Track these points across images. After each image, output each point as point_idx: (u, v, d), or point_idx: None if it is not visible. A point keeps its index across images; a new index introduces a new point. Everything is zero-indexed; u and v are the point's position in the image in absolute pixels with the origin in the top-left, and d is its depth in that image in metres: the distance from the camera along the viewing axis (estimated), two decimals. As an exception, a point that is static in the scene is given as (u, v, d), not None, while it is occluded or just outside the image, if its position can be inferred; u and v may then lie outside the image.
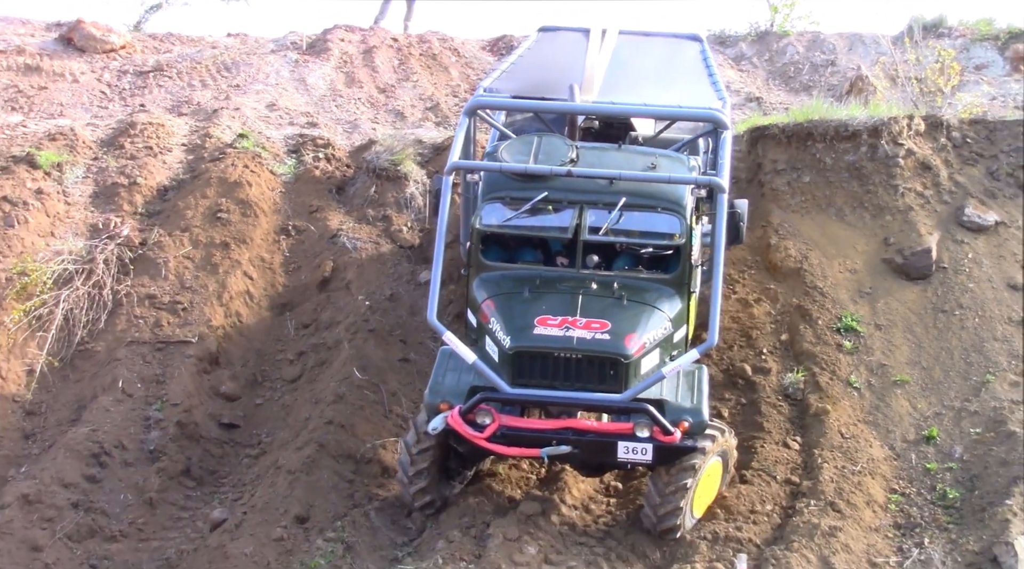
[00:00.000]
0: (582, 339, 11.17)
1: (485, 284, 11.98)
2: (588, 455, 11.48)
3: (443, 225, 11.88)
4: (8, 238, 15.52)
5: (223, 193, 16.53)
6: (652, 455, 11.28)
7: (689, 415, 11.31)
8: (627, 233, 11.79)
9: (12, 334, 14.39)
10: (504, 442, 11.30)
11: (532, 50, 15.43)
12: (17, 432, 13.69)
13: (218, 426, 14.06)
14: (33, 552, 11.93)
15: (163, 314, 14.97)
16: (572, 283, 11.76)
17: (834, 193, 16.35)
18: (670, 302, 11.79)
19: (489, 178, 12.26)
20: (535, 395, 11.24)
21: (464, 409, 11.28)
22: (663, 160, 12.35)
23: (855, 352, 14.48)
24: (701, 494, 11.79)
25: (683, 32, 16.54)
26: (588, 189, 11.91)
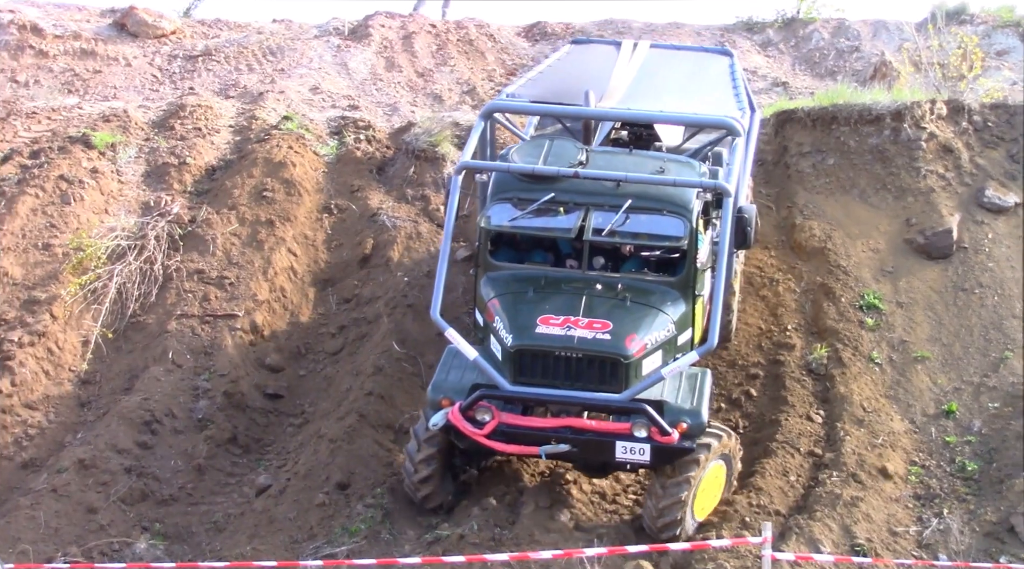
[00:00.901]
0: (583, 339, 11.10)
1: (492, 283, 11.94)
2: (586, 454, 11.41)
3: (451, 223, 11.93)
4: (65, 215, 15.78)
5: (268, 173, 16.66)
6: (650, 456, 11.18)
7: (688, 417, 11.20)
8: (632, 235, 11.69)
9: (69, 306, 14.62)
10: (503, 439, 11.25)
11: (561, 60, 15.32)
12: (73, 400, 13.94)
13: (263, 396, 14.27)
14: (89, 514, 12.25)
15: (211, 289, 15.11)
16: (577, 284, 11.71)
17: (858, 175, 16.43)
18: (674, 305, 11.69)
19: (498, 179, 12.18)
20: (534, 393, 11.18)
21: (464, 405, 11.24)
22: (672, 164, 12.20)
23: (877, 329, 14.61)
24: (703, 497, 11.64)
25: (713, 47, 16.43)
26: (595, 191, 11.79)
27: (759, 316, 15.03)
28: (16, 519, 11.96)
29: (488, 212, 11.97)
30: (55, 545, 11.73)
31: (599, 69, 14.35)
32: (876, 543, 11.78)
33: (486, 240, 12.12)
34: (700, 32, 22.83)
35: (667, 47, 16.27)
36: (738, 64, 15.13)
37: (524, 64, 21.31)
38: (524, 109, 13.70)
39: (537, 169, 11.84)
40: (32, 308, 14.59)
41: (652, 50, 15.29)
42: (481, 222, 12.00)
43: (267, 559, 11.21)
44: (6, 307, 14.61)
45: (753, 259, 15.54)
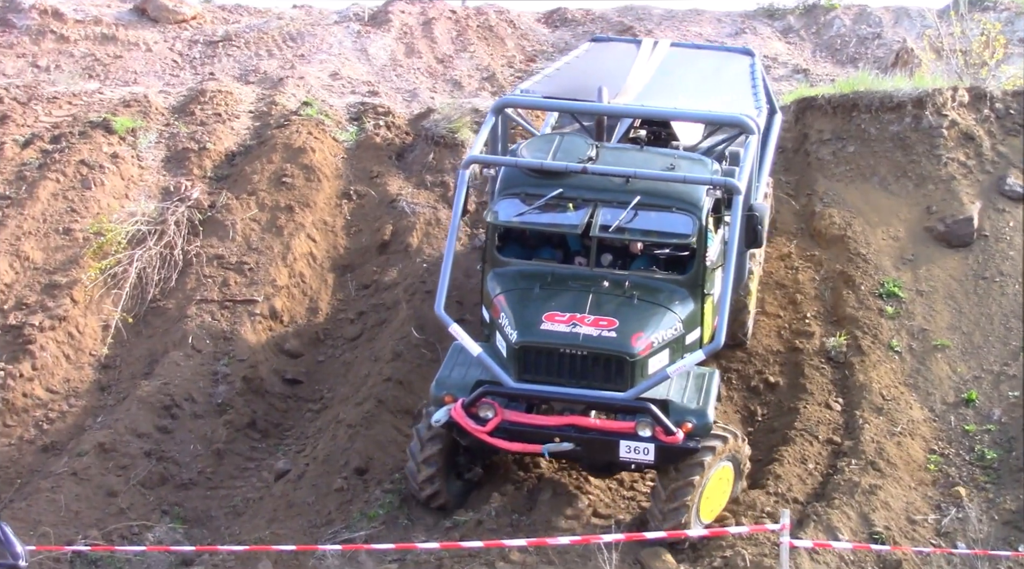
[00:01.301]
0: (588, 336, 11.00)
1: (498, 279, 11.85)
2: (590, 453, 11.30)
3: (456, 218, 11.84)
4: (85, 199, 15.85)
5: (288, 158, 16.69)
6: (654, 456, 11.02)
7: (693, 417, 11.04)
8: (639, 232, 11.58)
9: (89, 291, 14.69)
10: (506, 437, 11.10)
11: (579, 58, 15.16)
12: (93, 384, 14.02)
13: (282, 381, 14.31)
14: (109, 497, 12.35)
15: (230, 274, 15.16)
16: (584, 281, 11.60)
17: (878, 162, 16.37)
18: (683, 303, 11.56)
19: (506, 174, 12.07)
20: (538, 390, 11.08)
21: (467, 402, 11.11)
22: (683, 161, 12.10)
23: (897, 317, 14.58)
24: (709, 499, 11.43)
25: (736, 47, 16.31)
26: (604, 187, 11.67)
27: (778, 304, 15.01)
28: (37, 502, 12.05)
29: (495, 207, 11.89)
30: (75, 528, 11.82)
31: (617, 67, 14.24)
32: (894, 531, 11.79)
33: (493, 235, 12.05)
34: (720, 19, 22.73)
35: (688, 46, 16.15)
36: (759, 64, 15.00)
37: (544, 51, 21.30)
38: (536, 104, 13.72)
39: (545, 164, 11.73)
40: (53, 292, 14.68)
41: (672, 49, 15.15)
42: (488, 217, 11.94)
43: (286, 543, 11.29)
44: (27, 291, 14.70)
45: (772, 247, 15.52)
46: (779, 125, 15.38)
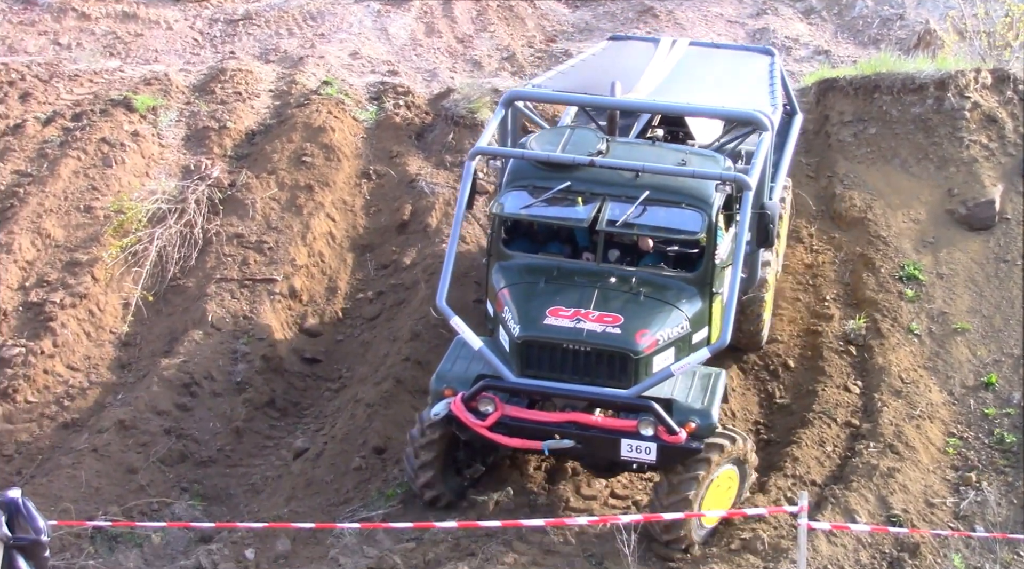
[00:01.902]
0: (592, 332, 10.82)
1: (503, 273, 11.71)
2: (591, 451, 11.07)
3: (461, 209, 11.72)
4: (106, 177, 15.90)
5: (308, 138, 16.69)
6: (656, 455, 10.78)
7: (697, 417, 10.80)
8: (647, 228, 11.39)
9: (110, 269, 14.73)
10: (506, 433, 10.92)
11: (596, 56, 15.01)
12: (114, 361, 14.07)
13: (301, 360, 14.33)
14: (129, 474, 12.41)
15: (250, 253, 15.19)
16: (590, 276, 11.42)
17: (899, 145, 16.33)
18: (690, 301, 11.38)
19: (514, 167, 11.97)
20: (538, 386, 10.91)
21: (467, 396, 10.93)
22: (694, 157, 11.95)
23: (917, 300, 14.55)
24: (712, 503, 11.19)
25: (755, 46, 16.12)
26: (612, 181, 11.49)
27: (798, 286, 15.00)
28: (58, 478, 12.14)
29: (501, 199, 11.76)
30: (96, 504, 11.90)
31: (633, 65, 14.09)
32: (912, 514, 11.79)
33: (499, 228, 11.90)
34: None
35: (707, 45, 15.93)
36: (779, 63, 14.81)
37: (564, 31, 21.26)
38: (545, 97, 13.68)
39: (552, 156, 11.59)
40: (74, 270, 14.74)
41: (691, 48, 15.00)
42: (493, 208, 11.80)
43: (304, 521, 11.35)
44: (48, 269, 14.77)
45: (792, 229, 15.49)
46: (799, 126, 15.21)
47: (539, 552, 11.29)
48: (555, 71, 14.27)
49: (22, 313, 14.25)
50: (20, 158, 16.38)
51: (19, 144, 16.59)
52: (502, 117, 12.77)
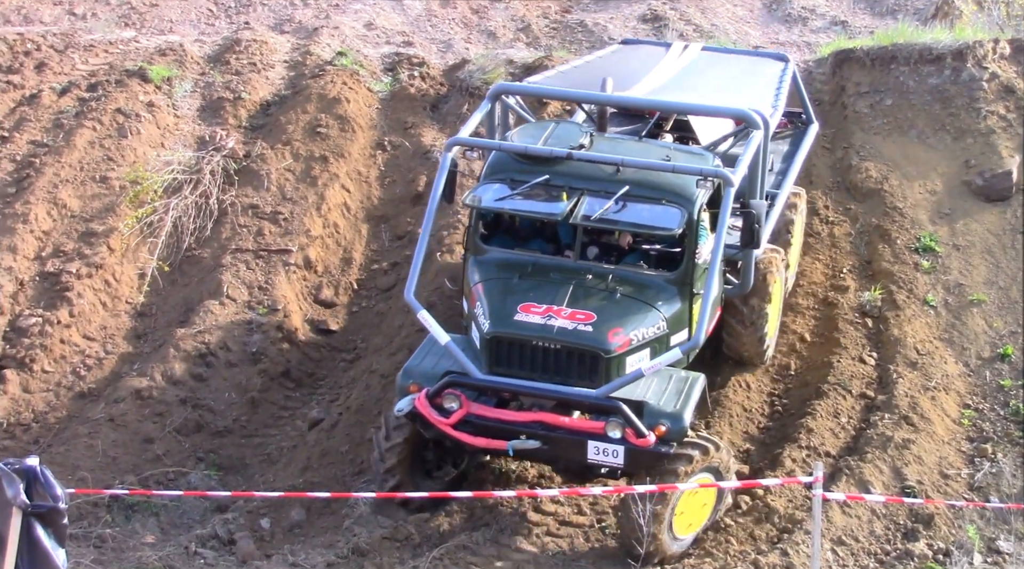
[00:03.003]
0: (563, 329, 10.47)
1: (478, 268, 11.43)
2: (557, 453, 10.68)
3: (435, 200, 11.42)
4: (122, 148, 15.93)
5: (322, 109, 16.71)
6: (624, 459, 10.37)
7: (668, 420, 10.32)
8: (623, 223, 11.01)
9: (125, 239, 14.79)
10: (470, 431, 10.54)
11: (602, 58, 14.71)
12: (130, 332, 14.14)
13: (316, 331, 14.36)
14: (145, 443, 12.48)
15: (265, 223, 15.21)
16: (567, 273, 11.07)
17: (916, 116, 16.30)
18: (669, 302, 10.99)
19: (494, 159, 11.65)
20: (504, 383, 10.55)
21: (431, 392, 10.57)
22: (680, 154, 11.67)
23: (933, 271, 14.52)
24: (686, 513, 10.76)
25: (770, 51, 15.69)
26: (592, 176, 11.17)
27: (813, 257, 14.96)
28: (75, 447, 12.21)
29: (476, 191, 11.44)
30: (113, 473, 11.97)
31: (639, 66, 13.87)
32: (927, 485, 11.79)
33: (477, 222, 11.59)
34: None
35: (719, 50, 15.58)
36: (791, 69, 14.42)
37: (580, 1, 21.13)
38: (532, 91, 13.50)
39: (530, 148, 11.27)
40: (89, 240, 14.78)
41: (703, 52, 14.74)
42: (467, 200, 11.48)
43: (319, 491, 11.37)
44: (64, 239, 14.82)
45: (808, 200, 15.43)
46: (813, 136, 14.83)
47: (554, 522, 11.35)
48: (555, 71, 14.18)
49: (39, 283, 14.30)
50: (36, 128, 16.43)
51: (35, 114, 16.63)
52: (488, 110, 12.47)
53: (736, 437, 12.74)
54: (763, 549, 11.07)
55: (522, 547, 11.14)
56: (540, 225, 11.74)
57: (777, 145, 14.34)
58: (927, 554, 11.01)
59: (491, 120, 12.63)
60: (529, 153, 11.29)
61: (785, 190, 13.59)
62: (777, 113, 13.14)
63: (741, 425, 12.93)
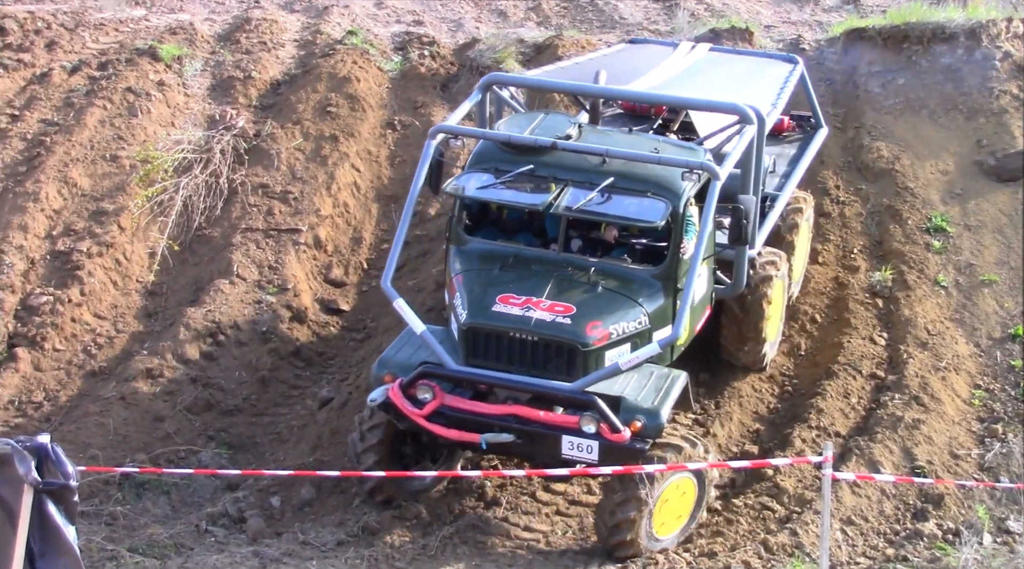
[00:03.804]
0: (540, 321, 10.27)
1: (460, 258, 11.25)
2: (531, 447, 10.39)
3: (416, 188, 11.30)
4: (132, 127, 15.94)
5: (333, 88, 16.70)
6: (598, 454, 10.09)
7: (644, 416, 10.05)
8: (604, 215, 10.80)
9: (136, 218, 14.79)
10: (443, 423, 10.33)
11: (606, 56, 14.60)
12: (140, 310, 14.16)
13: (326, 310, 14.37)
14: (156, 422, 12.49)
15: (275, 203, 15.21)
16: (549, 265, 10.88)
17: (928, 95, 16.28)
18: (653, 297, 10.75)
19: (480, 149, 11.49)
20: (479, 375, 10.37)
21: (405, 382, 10.39)
22: (669, 146, 11.51)
23: (944, 252, 14.52)
24: (666, 513, 10.53)
25: (780, 54, 15.38)
26: (578, 167, 10.97)
27: (823, 238, 14.94)
28: (86, 425, 12.24)
29: (459, 179, 11.26)
30: (124, 451, 12.00)
31: (642, 65, 13.73)
32: (937, 465, 11.80)
33: (460, 212, 11.43)
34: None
35: (727, 51, 15.37)
36: (799, 71, 14.23)
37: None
38: (523, 82, 13.37)
39: (514, 137, 11.15)
40: (100, 219, 14.80)
41: (710, 53, 14.59)
42: (448, 188, 11.25)
43: (329, 470, 11.38)
44: (75, 217, 14.84)
45: (819, 180, 15.42)
46: (821, 141, 14.65)
47: (564, 502, 11.37)
48: (555, 66, 14.09)
49: (49, 261, 14.33)
50: (47, 107, 16.44)
51: (45, 93, 16.64)
52: (478, 101, 12.34)
53: (746, 417, 12.77)
54: (772, 529, 11.10)
55: (532, 526, 11.19)
56: (528, 218, 11.55)
57: (784, 148, 14.28)
58: (937, 534, 11.02)
59: (482, 110, 12.50)
60: (513, 142, 11.16)
61: (786, 193, 13.42)
62: (776, 111, 13.03)
63: (751, 405, 12.94)
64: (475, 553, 10.99)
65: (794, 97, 14.15)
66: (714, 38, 17.49)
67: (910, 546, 10.89)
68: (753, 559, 10.70)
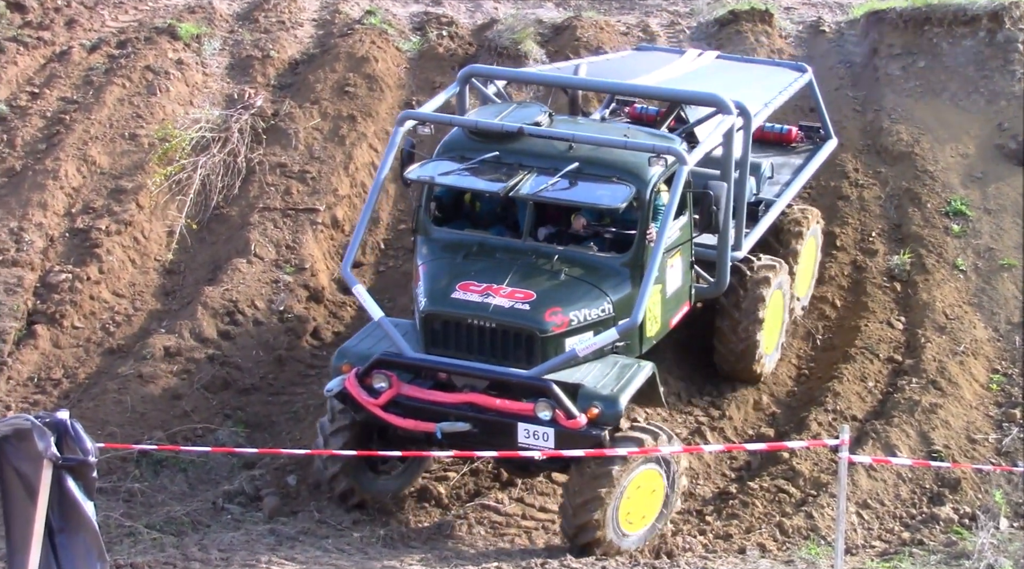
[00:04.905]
0: (499, 307, 10.12)
1: (426, 248, 11.15)
2: (487, 436, 10.04)
3: (382, 175, 11.33)
4: (151, 105, 15.97)
5: (351, 68, 16.69)
6: (554, 442, 9.87)
7: (602, 402, 9.83)
8: (566, 200, 10.64)
9: (154, 196, 14.83)
10: (400, 413, 10.17)
11: (609, 60, 14.47)
12: (158, 289, 14.21)
13: (343, 290, 14.32)
14: (174, 400, 12.54)
15: (293, 182, 15.22)
16: (513, 253, 10.72)
17: (949, 78, 16.21)
18: (618, 285, 10.54)
19: (448, 138, 11.46)
20: (433, 361, 10.24)
21: (361, 371, 10.27)
22: (640, 134, 11.39)
23: (963, 236, 14.47)
24: (633, 506, 10.24)
25: (789, 62, 14.98)
26: (544, 153, 10.84)
27: (842, 221, 14.91)
28: (104, 403, 12.29)
29: (422, 166, 11.16)
30: (141, 429, 12.05)
31: (642, 69, 13.56)
32: (954, 450, 11.79)
33: (427, 201, 11.28)
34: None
35: (735, 58, 15.05)
36: (806, 79, 14.00)
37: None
38: (502, 73, 13.33)
39: (481, 123, 11.07)
40: (119, 197, 14.84)
41: (717, 60, 14.42)
42: (410, 175, 11.16)
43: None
44: (94, 195, 14.89)
45: (837, 163, 15.36)
46: (828, 153, 14.35)
47: (579, 480, 11.38)
48: (552, 66, 14.10)
49: (68, 239, 14.38)
50: (66, 85, 16.48)
51: (65, 71, 16.68)
52: (457, 92, 12.35)
53: (763, 400, 12.75)
54: (788, 512, 11.12)
55: (548, 506, 11.21)
56: (501, 210, 11.38)
57: (790, 158, 14.08)
58: (953, 518, 11.02)
59: (461, 103, 12.47)
60: (480, 127, 11.07)
61: (783, 200, 13.19)
62: (767, 110, 12.83)
63: (768, 388, 12.94)
64: (491, 533, 11.03)
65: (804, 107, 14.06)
66: (733, 20, 17.44)
67: (926, 530, 10.90)
68: (768, 542, 10.72)
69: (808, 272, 13.88)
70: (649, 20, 18.06)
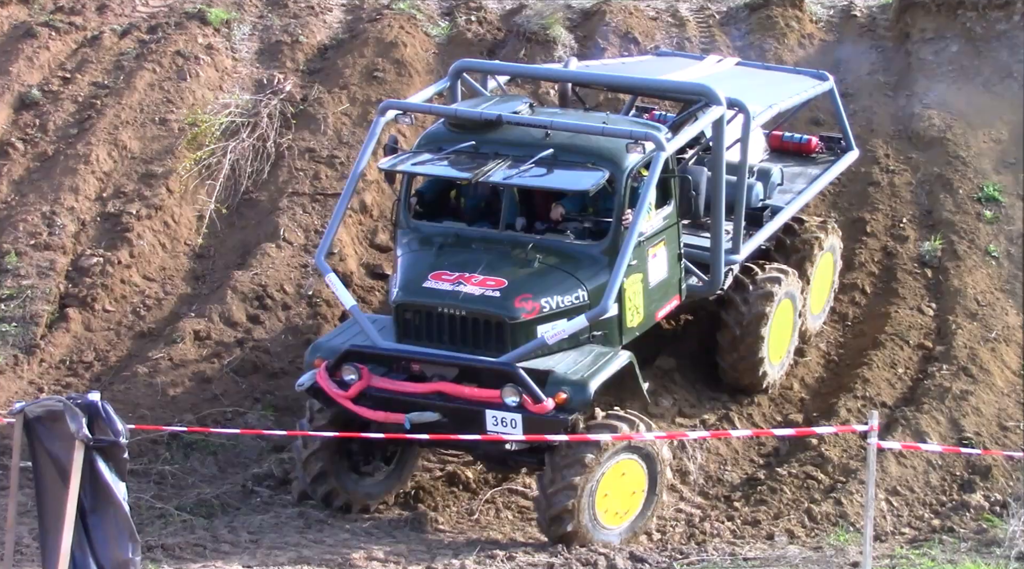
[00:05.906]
0: (469, 296, 10.09)
1: (404, 239, 11.10)
2: (457, 425, 9.94)
3: (361, 164, 11.33)
4: (180, 90, 15.97)
5: (379, 53, 16.64)
6: (522, 427, 9.79)
7: (570, 388, 9.73)
8: (537, 186, 10.68)
9: (184, 181, 14.87)
10: (370, 405, 10.11)
11: (626, 64, 14.38)
12: (188, 273, 14.29)
13: (371, 275, 14.39)
14: (204, 383, 12.67)
15: (321, 167, 15.24)
16: (489, 243, 10.68)
17: (982, 63, 16.07)
18: (594, 273, 10.42)
19: (428, 131, 11.52)
20: (401, 350, 10.20)
21: (331, 364, 10.22)
22: (621, 122, 11.41)
23: (995, 222, 14.40)
24: (610, 498, 10.10)
25: (810, 70, 14.49)
26: (521, 143, 10.77)
27: (872, 207, 14.82)
28: (135, 386, 12.42)
29: (396, 157, 11.13)
30: (171, 411, 12.18)
31: (657, 71, 13.51)
32: (984, 437, 11.78)
33: (406, 193, 11.24)
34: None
35: (755, 65, 14.76)
36: (826, 86, 13.74)
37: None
38: (492, 67, 13.34)
39: (460, 111, 11.10)
40: (149, 182, 14.89)
41: (736, 67, 14.24)
42: (383, 165, 11.21)
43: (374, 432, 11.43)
44: (125, 180, 14.95)
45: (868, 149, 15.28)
46: (848, 163, 14.07)
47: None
48: (583, 65, 13.92)
49: (100, 223, 14.45)
50: (97, 70, 16.51)
51: (96, 56, 16.71)
52: (449, 86, 12.38)
53: (792, 386, 12.72)
54: (817, 498, 11.11)
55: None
56: (485, 205, 11.24)
57: (807, 168, 13.80)
58: (984, 506, 10.99)
59: (452, 97, 12.45)
60: (459, 116, 11.07)
61: (792, 208, 12.97)
62: (771, 111, 12.66)
63: (797, 374, 12.90)
64: (518, 517, 11.07)
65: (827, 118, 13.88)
66: (763, 4, 17.32)
67: (956, 517, 10.89)
68: (797, 528, 10.73)
69: (824, 288, 13.60)
70: (679, 5, 17.95)
